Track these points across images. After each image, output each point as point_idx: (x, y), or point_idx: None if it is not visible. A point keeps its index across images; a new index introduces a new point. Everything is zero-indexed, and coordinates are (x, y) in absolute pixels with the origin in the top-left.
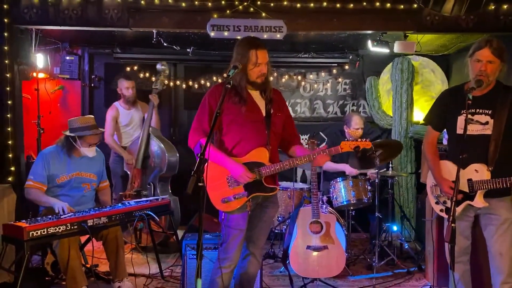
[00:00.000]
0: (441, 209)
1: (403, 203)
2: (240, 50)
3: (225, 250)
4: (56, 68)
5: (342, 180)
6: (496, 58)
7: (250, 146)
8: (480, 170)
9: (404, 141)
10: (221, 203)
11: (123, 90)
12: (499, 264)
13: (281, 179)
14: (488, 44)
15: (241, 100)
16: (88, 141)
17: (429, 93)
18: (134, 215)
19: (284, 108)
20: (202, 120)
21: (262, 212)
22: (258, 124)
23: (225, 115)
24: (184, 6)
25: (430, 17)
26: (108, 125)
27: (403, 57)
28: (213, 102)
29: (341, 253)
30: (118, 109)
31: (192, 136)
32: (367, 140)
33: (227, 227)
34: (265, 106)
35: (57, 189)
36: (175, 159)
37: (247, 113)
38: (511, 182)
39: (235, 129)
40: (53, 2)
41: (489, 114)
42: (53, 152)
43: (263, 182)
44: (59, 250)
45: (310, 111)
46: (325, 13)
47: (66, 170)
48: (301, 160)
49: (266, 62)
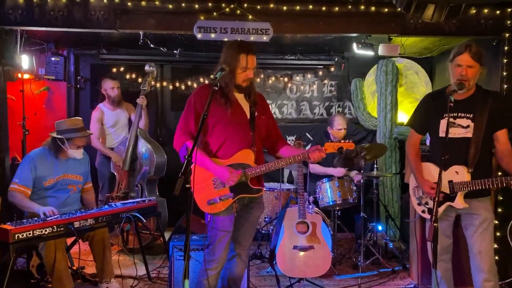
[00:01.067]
0: (423, 210)
1: (387, 203)
2: (230, 52)
3: (211, 252)
4: (41, 69)
5: (328, 180)
6: (475, 62)
7: (235, 148)
8: (461, 172)
9: (389, 142)
10: (207, 205)
11: (108, 90)
12: (480, 263)
13: (268, 180)
14: (467, 49)
15: (227, 102)
16: (76, 143)
17: (413, 95)
18: (121, 217)
19: (267, 111)
20: (188, 122)
21: (248, 213)
22: (242, 126)
23: (210, 117)
24: (170, 8)
25: (414, 21)
26: (93, 127)
27: (388, 59)
28: (198, 104)
29: (327, 253)
30: (103, 110)
31: (177, 138)
32: (350, 141)
33: (213, 229)
34: (250, 109)
35: (44, 191)
36: (163, 161)
37: (232, 115)
38: (490, 184)
39: (220, 131)
40: (38, 3)
41: (470, 118)
42: (40, 154)
43: (249, 184)
44: (45, 252)
45: (296, 113)
46: (311, 16)
47: (54, 173)
48: (286, 162)
49: (254, 67)
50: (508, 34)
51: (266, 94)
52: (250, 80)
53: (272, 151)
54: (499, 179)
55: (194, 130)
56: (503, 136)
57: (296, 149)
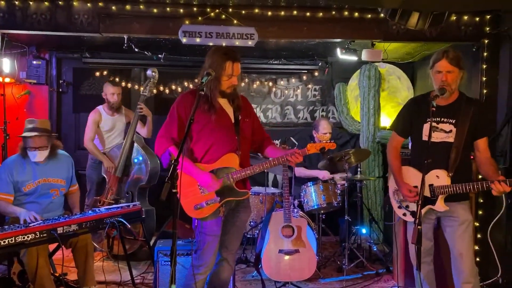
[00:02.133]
0: (404, 213)
1: (371, 206)
2: (215, 59)
3: (200, 257)
4: (22, 72)
5: (312, 184)
6: (454, 67)
7: (220, 152)
8: (441, 176)
9: (372, 146)
10: (194, 210)
11: (108, 95)
12: (460, 264)
13: (253, 183)
14: (444, 55)
15: (211, 108)
16: (32, 144)
17: (396, 99)
18: (105, 222)
19: (252, 113)
20: (171, 128)
21: (235, 217)
22: (227, 131)
23: (195, 123)
24: (155, 12)
25: (396, 27)
26: (88, 129)
27: (370, 64)
28: (181, 110)
29: (312, 256)
30: (101, 113)
31: (159, 143)
32: (332, 142)
33: (201, 233)
34: (234, 113)
35: (24, 197)
36: (157, 169)
37: (217, 121)
38: (470, 188)
39: (206, 137)
40: (20, 6)
41: (453, 123)
42: (15, 160)
43: (235, 187)
44: (27, 259)
45: (281, 117)
46: (296, 21)
47: (32, 177)
48: (270, 164)
49: (239, 74)
50: (487, 41)
51: (250, 98)
52: (234, 86)
53: (259, 151)
54: (480, 183)
55: (177, 136)
56: (483, 145)
57: (280, 149)
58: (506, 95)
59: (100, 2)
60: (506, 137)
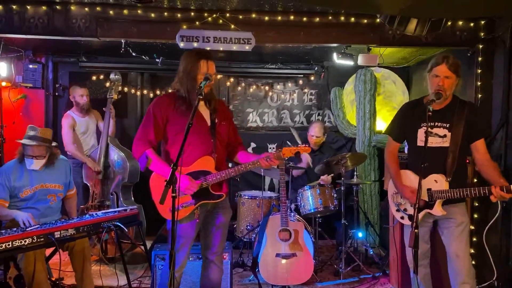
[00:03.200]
0: (402, 217)
1: (367, 210)
2: (189, 60)
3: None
4: (18, 76)
5: (309, 188)
6: (452, 73)
7: (196, 155)
8: (439, 180)
9: (368, 149)
10: (169, 213)
11: (77, 97)
12: (457, 266)
13: (249, 187)
14: (444, 60)
15: (188, 109)
16: (30, 152)
17: (391, 104)
18: (102, 226)
19: (228, 116)
20: (148, 130)
21: (215, 218)
22: (204, 133)
23: (171, 125)
24: (153, 17)
25: (392, 32)
26: (65, 133)
27: (366, 68)
28: (157, 113)
29: (309, 260)
30: (73, 117)
31: (136, 146)
32: (307, 145)
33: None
34: (210, 116)
35: (21, 203)
36: (137, 167)
37: (194, 123)
38: (468, 193)
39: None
40: (18, 10)
41: (447, 127)
42: (12, 166)
43: (210, 190)
44: (24, 263)
45: (277, 121)
46: (293, 26)
47: (29, 183)
48: (245, 167)
49: (214, 73)
50: (481, 46)
51: (247, 102)
52: (211, 86)
53: (230, 156)
54: (477, 189)
55: (154, 139)
56: (482, 146)
57: (252, 155)
58: (501, 100)
59: (97, 6)
60: (501, 141)
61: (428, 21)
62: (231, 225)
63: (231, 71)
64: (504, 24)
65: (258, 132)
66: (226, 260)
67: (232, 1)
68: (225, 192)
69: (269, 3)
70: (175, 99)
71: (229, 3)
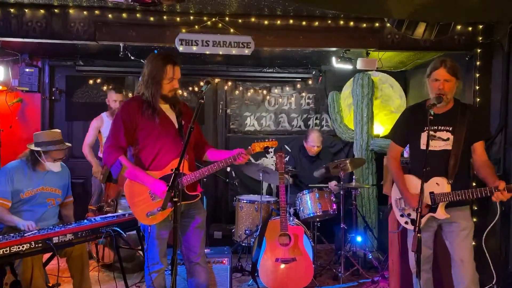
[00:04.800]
0: (406, 221)
1: (365, 214)
2: (155, 64)
3: (152, 256)
4: (14, 80)
5: (308, 192)
6: (451, 76)
7: (168, 158)
8: (441, 183)
9: (365, 153)
10: (146, 218)
11: (111, 102)
12: (462, 271)
13: (247, 192)
14: (443, 64)
15: (154, 112)
16: (53, 156)
17: (388, 108)
18: (101, 231)
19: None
20: (118, 136)
21: (190, 220)
22: (173, 136)
23: (140, 130)
24: (152, 21)
25: (391, 36)
26: (89, 134)
27: (364, 73)
28: (126, 117)
29: (309, 264)
30: (103, 119)
31: (108, 154)
32: (273, 140)
33: (152, 237)
34: (176, 119)
35: (21, 205)
36: None
37: (161, 126)
38: (470, 195)
39: (152, 143)
40: (15, 13)
41: (450, 130)
42: (17, 166)
43: (185, 191)
44: (22, 269)
45: (275, 125)
46: (292, 30)
47: (31, 185)
48: (218, 166)
49: (179, 78)
50: (479, 50)
51: (245, 106)
52: (176, 90)
53: (198, 156)
54: (479, 190)
55: (125, 145)
56: (480, 148)
57: (222, 151)
58: (499, 104)
59: (96, 10)
60: (500, 145)
61: (436, 25)
62: (229, 229)
63: (228, 75)
64: (502, 28)
65: (255, 136)
66: (225, 265)
67: (232, 5)
68: (200, 192)
69: (269, 7)
70: (141, 103)
71: (228, 7)
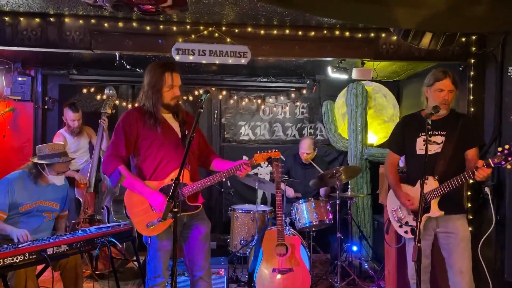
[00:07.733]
0: (406, 231)
1: (360, 223)
2: (153, 73)
3: (154, 269)
4: (7, 89)
5: (304, 202)
6: (455, 87)
7: (170, 168)
8: (429, 181)
9: (360, 163)
10: (146, 228)
11: (69, 121)
12: (460, 282)
13: (242, 201)
14: (447, 75)
15: (156, 122)
16: (56, 169)
17: (382, 117)
18: (96, 242)
19: (197, 127)
20: (118, 146)
21: (195, 231)
22: (175, 146)
23: (142, 141)
24: (148, 30)
25: (386, 46)
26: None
27: (357, 82)
28: (127, 127)
29: (306, 274)
30: (65, 137)
31: (107, 163)
32: (276, 150)
33: (153, 249)
34: (180, 128)
35: (18, 216)
36: None
37: (164, 136)
38: (455, 183)
39: (154, 153)
40: (10, 22)
41: (444, 135)
42: (18, 178)
43: (187, 202)
44: (15, 281)
45: (269, 134)
46: (288, 40)
47: (31, 198)
48: (221, 176)
49: (180, 85)
50: (473, 60)
51: (239, 115)
52: (177, 98)
53: (204, 166)
54: (462, 175)
55: (125, 154)
56: (472, 154)
57: (227, 162)
58: (493, 113)
59: (92, 19)
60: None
61: (442, 35)
62: (224, 239)
63: (223, 84)
64: (495, 39)
65: (250, 145)
66: (222, 276)
67: (228, 14)
68: (202, 203)
69: (265, 17)
70: (143, 114)
71: (225, 16)
